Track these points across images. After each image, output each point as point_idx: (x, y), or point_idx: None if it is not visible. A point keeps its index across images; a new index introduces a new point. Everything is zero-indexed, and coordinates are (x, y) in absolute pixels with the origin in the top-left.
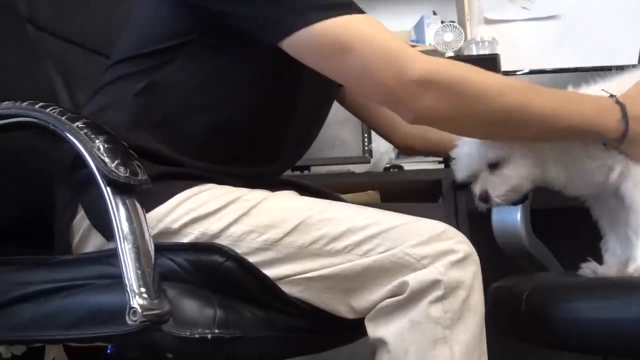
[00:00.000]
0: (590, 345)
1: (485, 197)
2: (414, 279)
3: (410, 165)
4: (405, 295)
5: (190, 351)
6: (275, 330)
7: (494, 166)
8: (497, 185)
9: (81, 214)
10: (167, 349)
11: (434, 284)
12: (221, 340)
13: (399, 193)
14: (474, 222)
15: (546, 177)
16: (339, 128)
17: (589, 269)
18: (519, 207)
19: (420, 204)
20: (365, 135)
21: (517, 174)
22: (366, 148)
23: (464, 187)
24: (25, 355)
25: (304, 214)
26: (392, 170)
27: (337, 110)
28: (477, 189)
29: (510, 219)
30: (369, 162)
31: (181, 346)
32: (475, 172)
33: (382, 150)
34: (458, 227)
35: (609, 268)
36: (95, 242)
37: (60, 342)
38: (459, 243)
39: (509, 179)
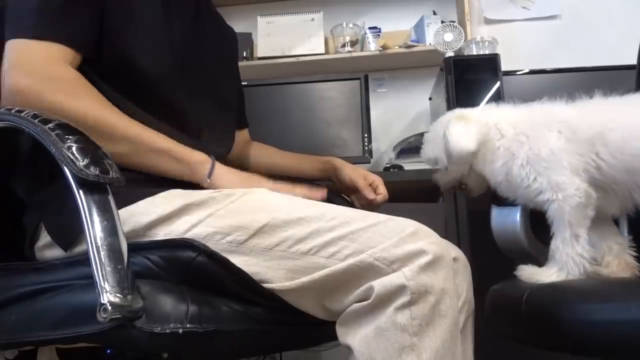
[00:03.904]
0: (590, 347)
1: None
2: (379, 284)
3: (410, 165)
4: (370, 300)
5: (165, 347)
6: (254, 323)
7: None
8: (443, 177)
9: (44, 234)
10: (143, 346)
11: (400, 289)
12: (194, 334)
13: (399, 193)
14: (474, 222)
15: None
16: (339, 128)
17: (595, 273)
18: (519, 207)
19: (420, 204)
20: (365, 135)
21: (453, 171)
22: (366, 148)
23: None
24: (17, 359)
25: (270, 215)
26: (392, 170)
27: (337, 110)
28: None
29: (509, 220)
30: (369, 162)
31: (154, 342)
32: (435, 163)
33: (382, 150)
34: (458, 227)
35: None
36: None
37: (46, 344)
38: (430, 244)
39: (448, 174)
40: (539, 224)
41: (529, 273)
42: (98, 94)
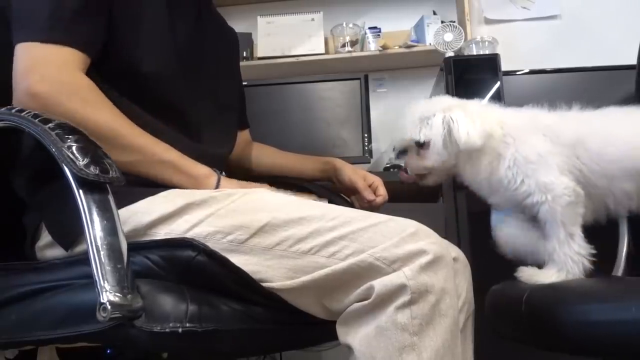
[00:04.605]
0: (590, 347)
1: (405, 169)
2: (379, 283)
3: None
4: (371, 300)
5: (164, 346)
6: (254, 323)
7: (420, 146)
8: (416, 163)
9: (45, 233)
10: (142, 345)
11: (400, 288)
12: (194, 334)
13: (399, 193)
14: (474, 222)
15: (459, 172)
16: (339, 128)
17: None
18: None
19: (420, 204)
20: (365, 135)
21: (431, 159)
22: (366, 148)
23: (464, 187)
24: (17, 359)
25: (271, 215)
26: (392, 170)
27: (337, 110)
28: (404, 160)
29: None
30: (369, 162)
31: (154, 341)
32: (406, 146)
33: (382, 150)
34: (458, 227)
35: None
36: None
37: (46, 343)
38: (430, 244)
39: (425, 161)
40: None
41: (528, 275)
42: (110, 103)
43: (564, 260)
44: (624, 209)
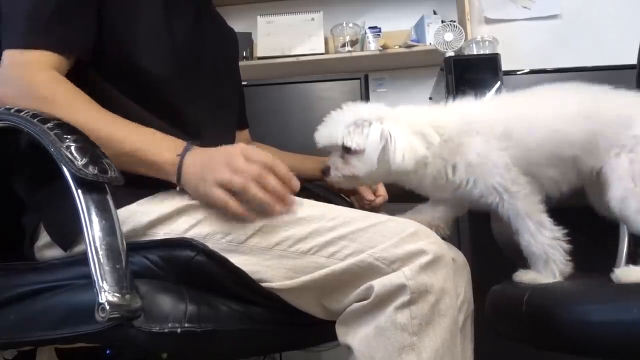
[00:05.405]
0: (591, 348)
1: (326, 172)
2: (379, 283)
3: None
4: (370, 300)
5: (163, 346)
6: (253, 323)
7: (347, 151)
8: (340, 168)
9: (44, 234)
10: (141, 345)
11: (400, 288)
12: (193, 334)
13: (399, 193)
14: (475, 222)
15: (394, 179)
16: None
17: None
18: None
19: (420, 205)
20: None
21: (360, 169)
22: None
23: None
24: (16, 359)
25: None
26: None
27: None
28: (327, 161)
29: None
30: None
31: (153, 341)
32: (331, 147)
33: None
34: (458, 228)
35: None
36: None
37: (45, 343)
38: (430, 244)
39: (351, 169)
40: None
41: (530, 278)
42: (74, 97)
43: (542, 249)
44: (555, 195)
